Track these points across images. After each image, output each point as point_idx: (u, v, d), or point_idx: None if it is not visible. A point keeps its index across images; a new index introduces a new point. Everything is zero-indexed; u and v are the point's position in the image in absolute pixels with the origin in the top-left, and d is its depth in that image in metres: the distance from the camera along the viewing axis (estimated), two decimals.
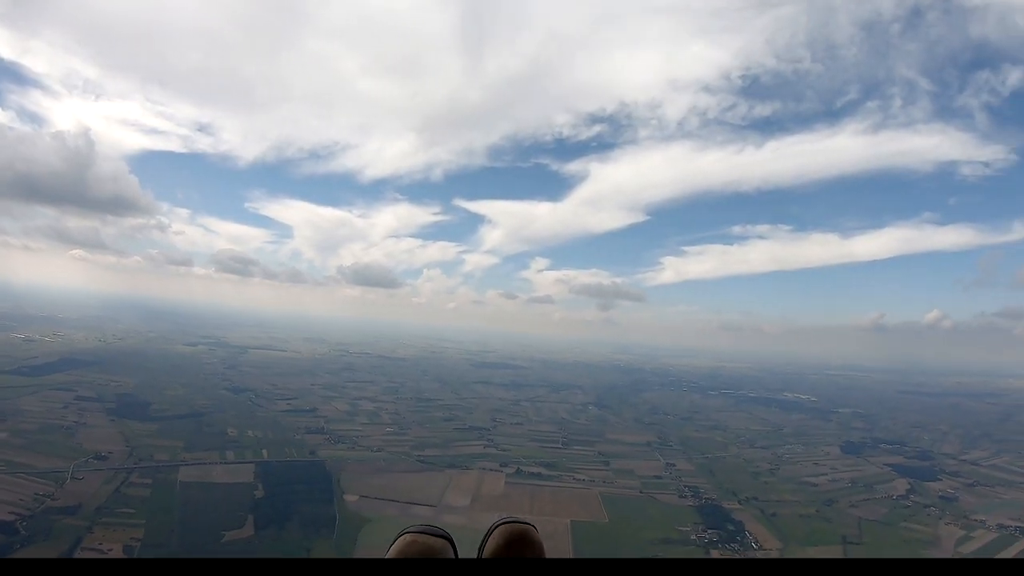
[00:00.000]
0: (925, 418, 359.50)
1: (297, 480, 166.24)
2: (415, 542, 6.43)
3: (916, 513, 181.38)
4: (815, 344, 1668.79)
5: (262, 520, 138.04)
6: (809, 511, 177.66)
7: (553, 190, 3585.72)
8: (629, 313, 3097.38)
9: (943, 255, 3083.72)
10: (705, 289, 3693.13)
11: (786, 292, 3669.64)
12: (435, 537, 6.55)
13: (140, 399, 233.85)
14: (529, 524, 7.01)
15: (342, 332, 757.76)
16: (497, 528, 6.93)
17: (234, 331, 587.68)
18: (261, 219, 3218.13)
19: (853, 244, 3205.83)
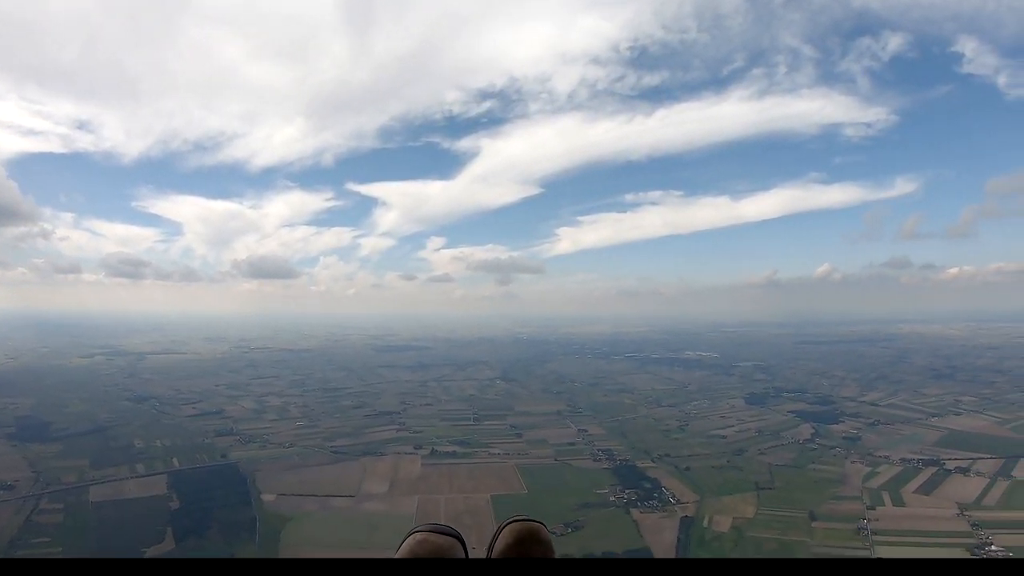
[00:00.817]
0: (823, 366, 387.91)
1: (212, 486, 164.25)
2: (425, 541, 6.77)
3: (822, 455, 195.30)
4: (712, 303, 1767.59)
5: (181, 531, 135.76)
6: (721, 462, 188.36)
7: (446, 168, 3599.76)
8: (529, 286, 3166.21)
9: (830, 212, 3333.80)
10: (602, 257, 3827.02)
11: (681, 255, 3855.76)
12: (445, 536, 6.91)
13: (39, 419, 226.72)
14: (538, 522, 7.41)
15: (242, 328, 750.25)
16: (506, 527, 7.38)
17: (131, 338, 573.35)
18: (150, 218, 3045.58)
19: (743, 206, 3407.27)
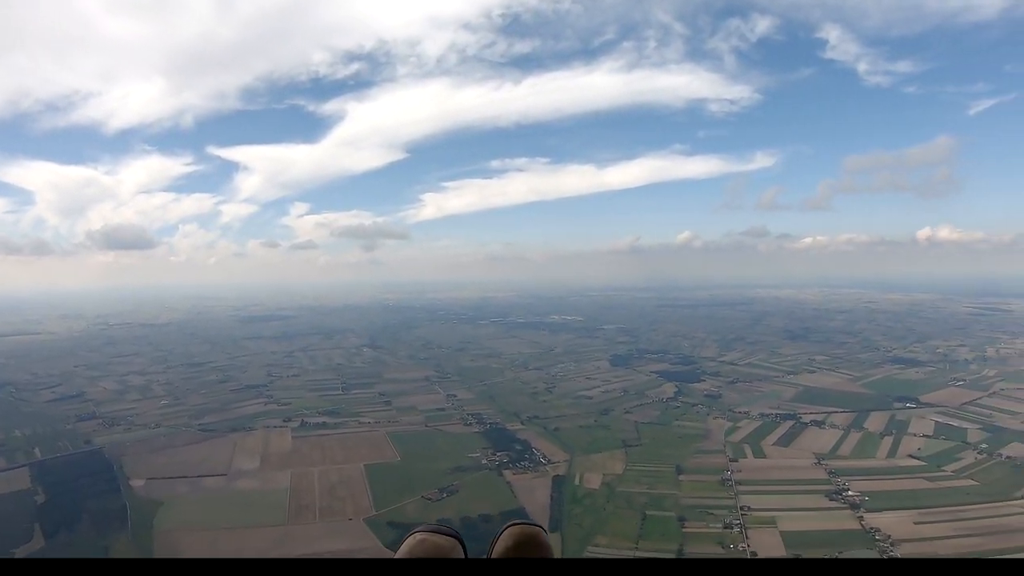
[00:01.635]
0: (684, 328, 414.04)
1: (78, 475, 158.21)
2: (425, 541, 7.13)
3: (685, 412, 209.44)
4: (577, 269, 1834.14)
5: (50, 527, 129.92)
6: (588, 422, 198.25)
7: (311, 132, 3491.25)
8: (394, 252, 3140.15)
9: (693, 182, 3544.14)
10: (468, 223, 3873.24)
11: (547, 221, 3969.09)
12: (445, 536, 7.24)
13: None
14: (538, 527, 7.74)
15: (99, 304, 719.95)
16: (506, 530, 7.64)
17: None
18: None
19: (608, 174, 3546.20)
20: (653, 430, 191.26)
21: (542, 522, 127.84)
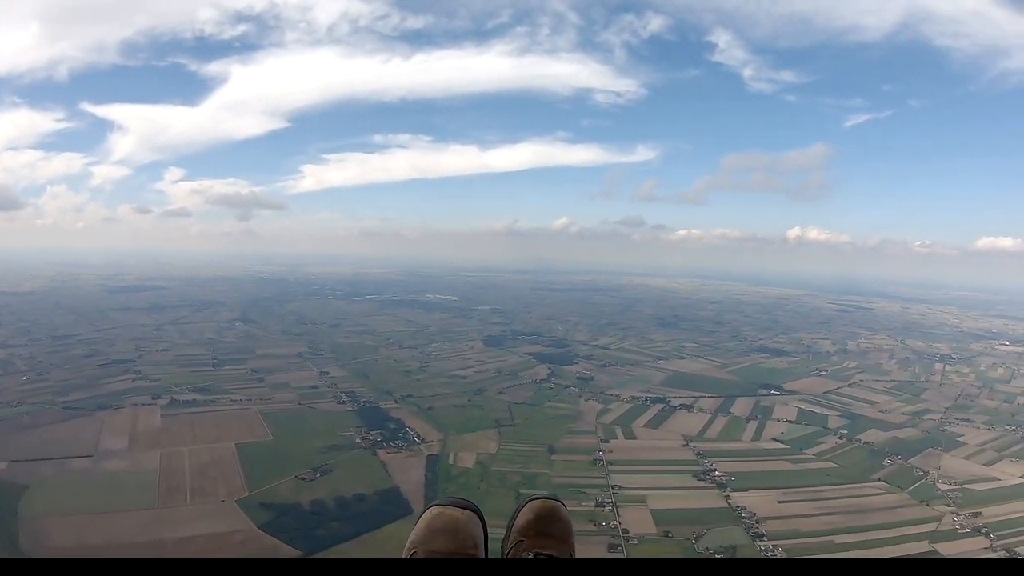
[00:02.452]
0: (558, 311, 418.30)
1: None
2: (442, 515, 7.13)
3: (558, 393, 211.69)
4: (454, 248, 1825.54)
5: None
6: (462, 401, 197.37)
7: (191, 93, 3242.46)
8: (270, 223, 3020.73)
9: (573, 169, 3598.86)
10: (346, 197, 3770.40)
11: (426, 199, 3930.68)
12: (462, 510, 7.21)
13: None
14: (558, 501, 7.84)
15: None
16: (527, 504, 7.75)
17: None
18: None
19: (491, 156, 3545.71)
20: (526, 410, 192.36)
21: (416, 501, 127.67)
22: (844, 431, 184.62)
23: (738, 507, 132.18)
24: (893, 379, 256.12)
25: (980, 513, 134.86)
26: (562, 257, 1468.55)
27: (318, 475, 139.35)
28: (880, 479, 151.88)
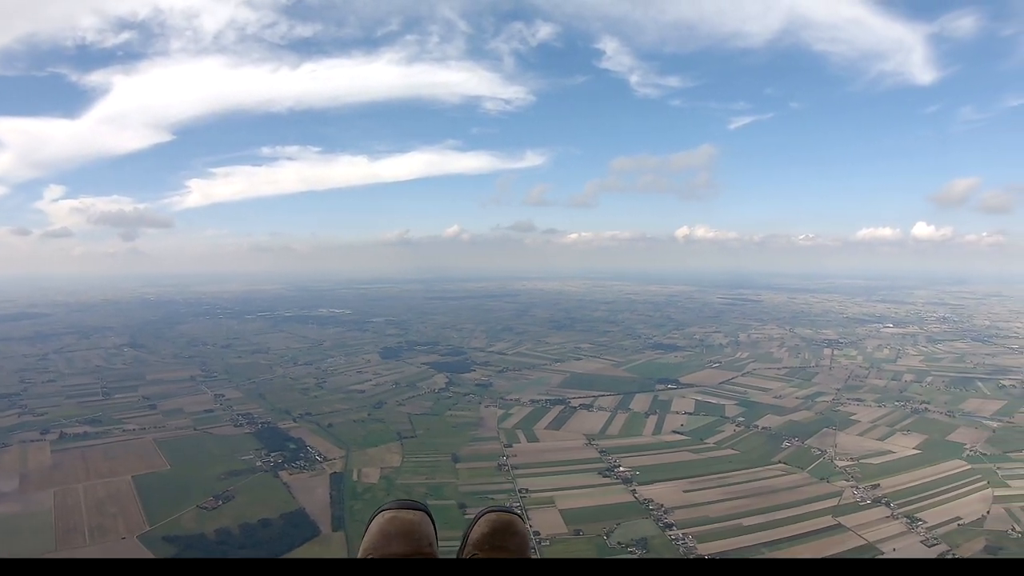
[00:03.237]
0: (453, 319, 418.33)
1: None
2: (394, 518, 7.03)
3: (458, 402, 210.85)
4: (345, 261, 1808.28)
5: None
6: (362, 416, 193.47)
7: (71, 105, 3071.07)
8: (156, 241, 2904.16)
9: (464, 177, 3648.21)
10: (235, 212, 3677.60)
11: (316, 212, 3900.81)
12: (412, 511, 7.17)
13: None
14: (515, 513, 7.70)
15: None
16: (483, 517, 7.60)
17: None
18: None
19: (381, 166, 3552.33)
20: (427, 421, 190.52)
21: (323, 521, 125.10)
22: (741, 419, 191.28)
23: (646, 500, 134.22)
24: (785, 366, 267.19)
25: (878, 485, 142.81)
26: (455, 265, 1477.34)
27: (220, 503, 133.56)
28: (780, 461, 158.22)
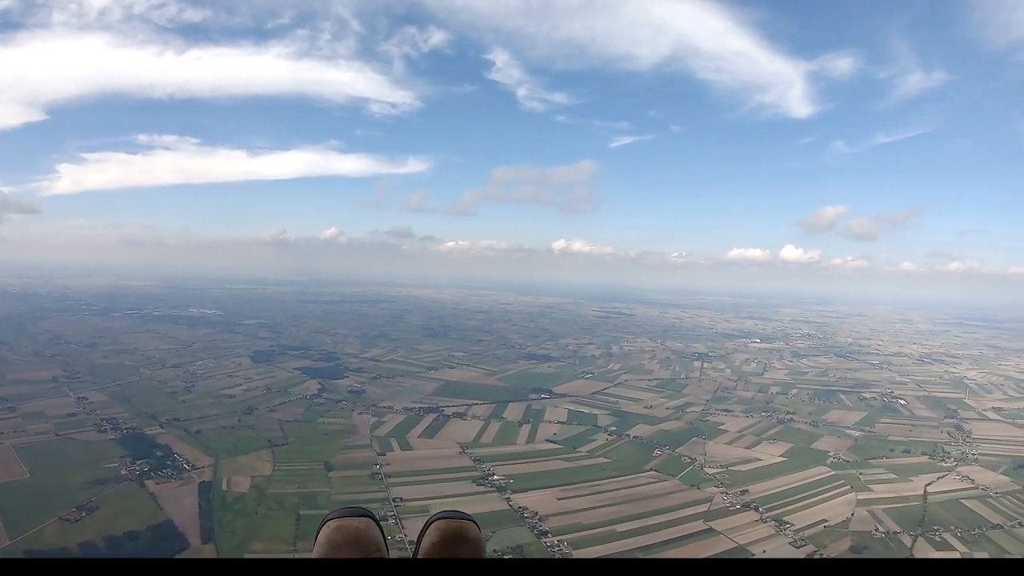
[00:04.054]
0: (327, 324, 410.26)
1: None
2: (340, 527, 6.87)
3: (330, 408, 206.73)
4: (219, 259, 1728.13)
5: None
6: (232, 422, 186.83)
7: None
8: (21, 228, 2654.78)
9: (344, 179, 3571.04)
10: (106, 201, 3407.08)
11: (191, 206, 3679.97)
12: (358, 518, 7.02)
13: None
14: (468, 519, 7.32)
15: None
16: (432, 524, 7.29)
17: None
18: None
19: (260, 163, 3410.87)
20: (299, 428, 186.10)
21: (191, 533, 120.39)
22: (614, 428, 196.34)
23: (520, 508, 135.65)
24: (656, 377, 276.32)
25: (747, 491, 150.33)
26: (331, 268, 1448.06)
27: (84, 514, 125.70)
28: (652, 469, 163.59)
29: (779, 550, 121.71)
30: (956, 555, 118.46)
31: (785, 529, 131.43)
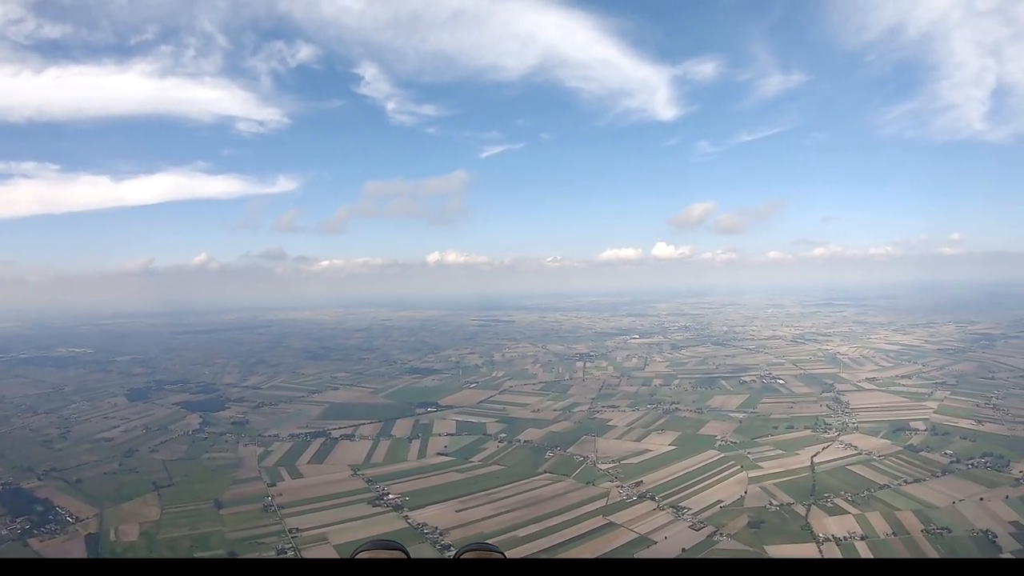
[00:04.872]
0: (203, 355, 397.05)
1: None
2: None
3: (214, 442, 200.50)
4: (85, 293, 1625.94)
5: None
6: (113, 467, 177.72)
7: None
8: None
9: (212, 202, 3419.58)
10: None
11: (53, 238, 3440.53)
12: (391, 551, 7.28)
13: None
14: (495, 551, 7.47)
15: None
16: (460, 557, 7.38)
17: None
18: None
19: (125, 188, 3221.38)
20: (184, 466, 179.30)
21: None
22: (503, 435, 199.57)
23: (420, 524, 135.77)
24: (540, 381, 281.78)
25: (641, 482, 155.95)
26: (204, 296, 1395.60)
27: None
28: (545, 471, 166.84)
29: (680, 535, 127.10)
30: (936, 554, 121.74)
31: (683, 514, 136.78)
